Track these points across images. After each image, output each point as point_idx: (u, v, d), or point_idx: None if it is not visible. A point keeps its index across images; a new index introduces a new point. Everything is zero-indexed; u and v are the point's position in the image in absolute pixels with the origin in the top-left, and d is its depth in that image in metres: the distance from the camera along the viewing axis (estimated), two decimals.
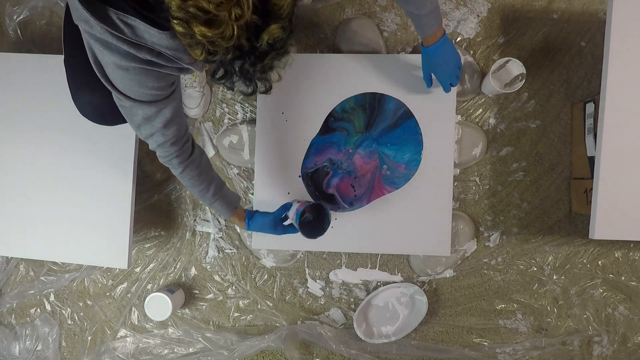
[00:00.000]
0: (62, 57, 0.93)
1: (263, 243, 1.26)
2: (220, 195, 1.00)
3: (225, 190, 1.03)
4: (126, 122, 0.89)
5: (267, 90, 0.70)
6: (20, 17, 1.30)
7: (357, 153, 1.24)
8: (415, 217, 1.22)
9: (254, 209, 1.16)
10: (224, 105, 1.30)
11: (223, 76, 0.67)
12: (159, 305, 1.23)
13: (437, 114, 1.21)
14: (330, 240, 1.22)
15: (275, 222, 1.09)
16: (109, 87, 0.77)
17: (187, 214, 1.33)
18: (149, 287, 1.34)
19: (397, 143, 1.23)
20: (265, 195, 1.24)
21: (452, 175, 1.22)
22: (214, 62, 0.62)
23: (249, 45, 0.59)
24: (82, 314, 1.34)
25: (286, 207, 1.10)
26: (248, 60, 0.62)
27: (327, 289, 1.32)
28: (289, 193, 1.23)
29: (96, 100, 0.91)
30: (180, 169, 0.91)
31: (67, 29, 0.92)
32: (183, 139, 0.88)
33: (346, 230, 1.23)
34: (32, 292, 1.34)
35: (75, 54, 0.89)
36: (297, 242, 1.21)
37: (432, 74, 1.09)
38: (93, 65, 0.75)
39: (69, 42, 0.92)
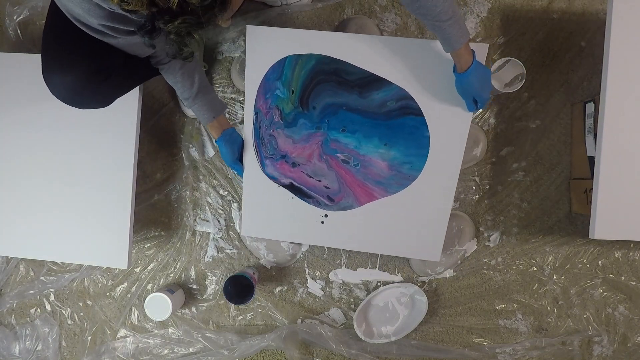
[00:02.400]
0: None
1: (252, 231, 1.24)
2: (200, 101, 1.07)
3: (210, 98, 1.09)
4: (98, 107, 0.98)
5: (185, 57, 0.72)
6: (20, 17, 1.30)
7: (282, 131, 1.16)
8: (410, 221, 1.17)
9: (244, 202, 1.22)
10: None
11: (147, 32, 0.67)
12: (159, 305, 1.23)
13: (449, 114, 1.09)
14: (323, 236, 1.21)
15: (233, 160, 1.18)
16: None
17: (187, 214, 1.33)
18: (149, 287, 1.34)
19: (372, 136, 1.12)
20: (253, 192, 1.22)
21: (456, 181, 1.13)
22: (130, 12, 0.63)
23: (163, 3, 0.60)
24: (82, 314, 1.34)
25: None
26: (160, 18, 0.63)
27: (327, 289, 1.32)
28: (279, 186, 1.21)
29: (69, 81, 0.90)
30: (163, 69, 1.01)
31: (51, 7, 0.92)
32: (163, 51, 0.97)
33: (339, 227, 1.20)
34: (32, 292, 1.34)
35: (54, 33, 0.90)
36: (287, 234, 1.23)
37: (461, 95, 1.05)
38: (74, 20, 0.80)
39: (50, 20, 0.92)
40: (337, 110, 1.13)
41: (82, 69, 0.88)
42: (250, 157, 1.20)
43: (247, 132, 1.19)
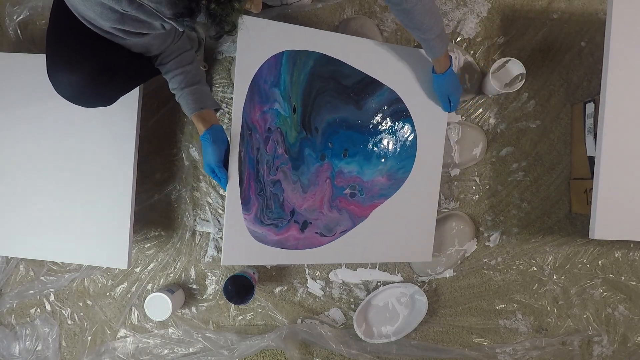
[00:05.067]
0: None
1: (234, 259, 1.07)
2: (189, 89, 1.00)
3: (199, 90, 1.02)
4: (101, 105, 0.96)
5: (229, 31, 0.68)
6: (20, 17, 1.30)
7: (288, 172, 1.07)
8: (400, 224, 1.17)
9: (225, 226, 1.03)
10: (224, 105, 1.30)
11: (188, 14, 0.65)
12: (159, 305, 1.23)
13: (430, 113, 1.18)
14: (315, 254, 1.14)
15: (218, 161, 1.01)
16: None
17: (187, 214, 1.33)
18: (149, 287, 1.34)
19: (370, 155, 1.14)
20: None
21: (439, 177, 1.19)
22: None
23: None
24: (82, 314, 1.34)
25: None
26: None
27: (327, 289, 1.32)
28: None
29: (74, 80, 0.89)
30: (156, 60, 0.99)
31: (56, 4, 0.91)
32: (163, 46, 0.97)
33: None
34: (32, 292, 1.34)
35: (59, 31, 0.89)
36: (270, 257, 1.10)
37: (437, 95, 1.16)
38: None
39: (54, 18, 0.91)
40: (338, 129, 1.12)
41: (88, 67, 0.88)
42: (235, 169, 1.03)
43: (234, 134, 1.03)
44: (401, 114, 1.16)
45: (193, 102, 1.00)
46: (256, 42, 1.03)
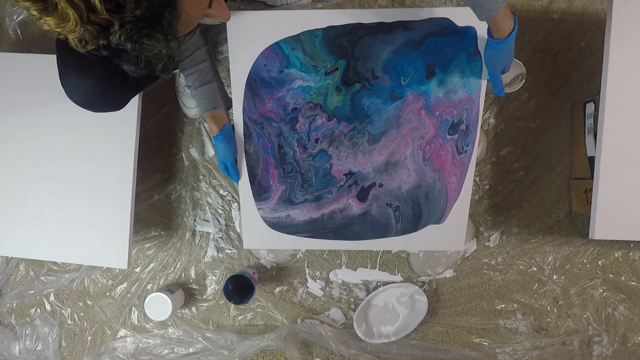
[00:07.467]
0: None
1: (254, 243, 1.18)
2: (201, 89, 1.02)
3: (212, 89, 1.03)
4: (112, 110, 0.97)
5: (164, 69, 0.68)
6: (20, 17, 1.30)
7: (341, 133, 1.00)
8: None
9: (243, 213, 1.13)
10: None
11: (115, 56, 0.63)
12: (159, 305, 1.23)
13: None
14: (338, 242, 1.15)
15: (233, 160, 1.09)
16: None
17: (187, 214, 1.33)
18: (149, 287, 1.34)
19: (453, 67, 0.94)
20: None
21: (474, 158, 1.08)
22: (89, 50, 0.60)
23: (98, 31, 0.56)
24: (82, 314, 1.34)
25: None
26: (106, 37, 0.57)
27: (327, 289, 1.32)
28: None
29: (86, 85, 0.89)
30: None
31: None
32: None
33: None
34: (32, 292, 1.34)
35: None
36: (293, 242, 1.16)
37: (488, 69, 0.92)
38: None
39: None
40: (400, 61, 0.93)
41: (100, 72, 0.88)
42: (243, 165, 1.11)
43: (239, 135, 1.08)
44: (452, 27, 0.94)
45: (206, 102, 1.04)
46: (247, 39, 1.00)
